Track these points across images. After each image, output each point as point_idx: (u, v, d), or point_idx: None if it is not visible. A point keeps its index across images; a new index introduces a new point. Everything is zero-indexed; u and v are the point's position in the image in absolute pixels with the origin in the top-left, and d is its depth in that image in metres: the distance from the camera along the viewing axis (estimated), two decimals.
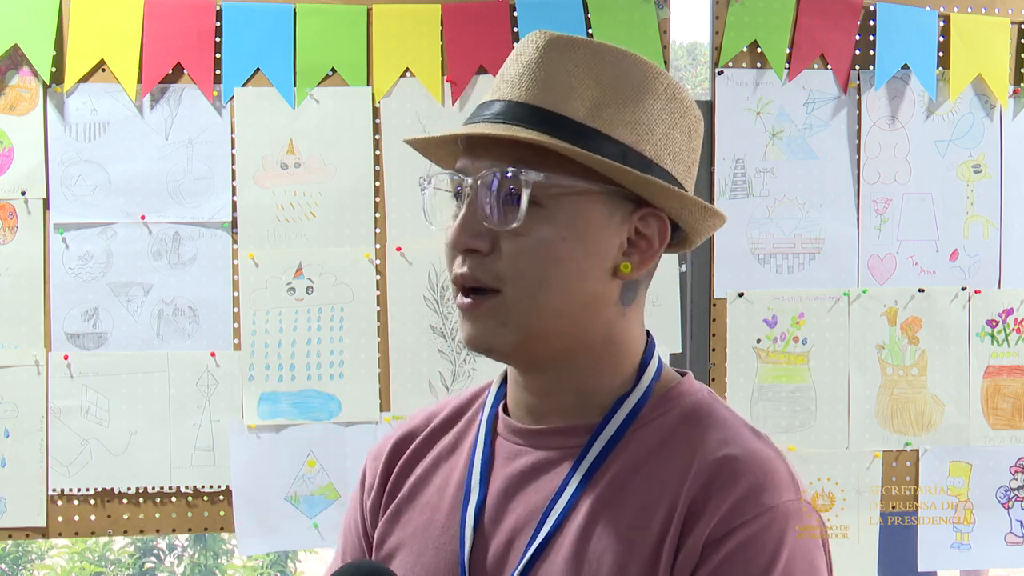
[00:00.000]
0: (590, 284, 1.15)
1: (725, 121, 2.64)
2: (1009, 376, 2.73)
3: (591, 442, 1.16)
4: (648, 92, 1.17)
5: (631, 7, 2.58)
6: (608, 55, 1.16)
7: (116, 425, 2.53)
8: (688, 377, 1.24)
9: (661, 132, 1.17)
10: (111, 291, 2.54)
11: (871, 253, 2.68)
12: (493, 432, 1.24)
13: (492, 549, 1.17)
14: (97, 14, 2.50)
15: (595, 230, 1.14)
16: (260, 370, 2.56)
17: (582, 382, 1.18)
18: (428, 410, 1.35)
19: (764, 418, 2.65)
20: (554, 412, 1.19)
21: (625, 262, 1.17)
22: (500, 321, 1.14)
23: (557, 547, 1.13)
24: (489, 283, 1.13)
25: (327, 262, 2.56)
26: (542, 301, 1.13)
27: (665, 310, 2.62)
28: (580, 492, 1.14)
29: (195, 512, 2.56)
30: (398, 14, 2.56)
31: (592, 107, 1.14)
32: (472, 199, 1.14)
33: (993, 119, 2.71)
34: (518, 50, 1.19)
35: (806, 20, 2.63)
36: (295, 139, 2.56)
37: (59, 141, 2.52)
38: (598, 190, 1.14)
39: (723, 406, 1.21)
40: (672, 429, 1.17)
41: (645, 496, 1.13)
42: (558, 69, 1.15)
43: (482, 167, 1.14)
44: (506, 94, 1.16)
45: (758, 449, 1.14)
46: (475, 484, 1.21)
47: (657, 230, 1.18)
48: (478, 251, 1.14)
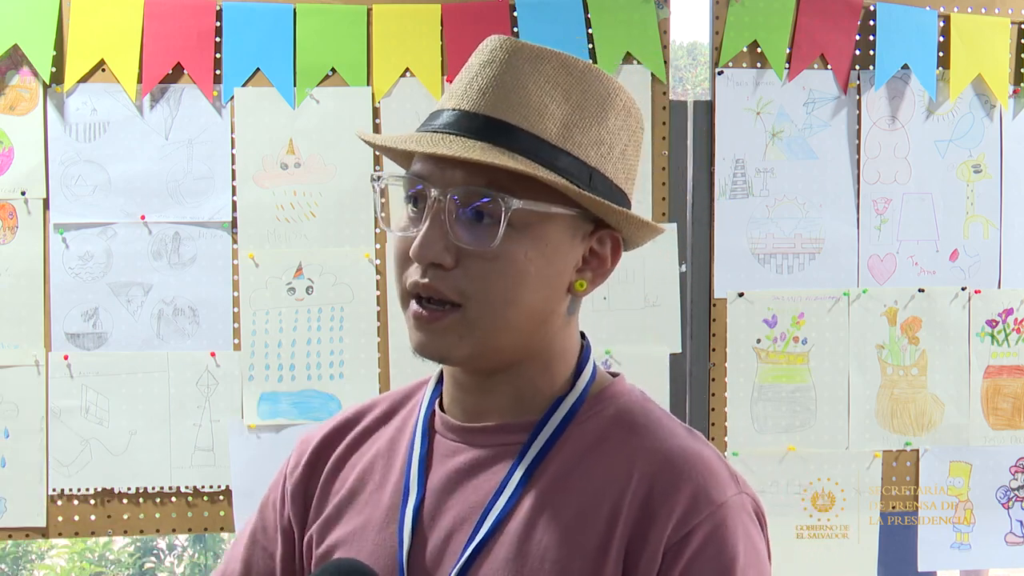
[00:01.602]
0: (548, 302, 1.17)
1: (725, 121, 2.64)
2: (1009, 376, 2.73)
3: (531, 440, 1.18)
4: (610, 109, 1.18)
5: (631, 7, 2.58)
6: (575, 69, 1.16)
7: (116, 425, 2.53)
8: (620, 378, 1.26)
9: (619, 150, 1.19)
10: (111, 291, 2.54)
11: (871, 253, 2.68)
12: (431, 430, 1.25)
13: (430, 547, 1.18)
14: (97, 14, 2.50)
15: (559, 251, 1.16)
16: (260, 370, 2.56)
17: (522, 384, 1.20)
18: (360, 405, 1.36)
19: (764, 418, 2.65)
20: (491, 411, 1.21)
21: (580, 280, 1.19)
22: (459, 335, 1.14)
23: (498, 545, 1.14)
24: (452, 298, 1.13)
25: (327, 262, 2.56)
26: (504, 318, 1.14)
27: (665, 310, 2.62)
28: (521, 490, 1.16)
29: (195, 512, 2.56)
30: (398, 14, 2.56)
31: (562, 126, 1.14)
32: (438, 212, 1.12)
33: (993, 119, 2.71)
34: (484, 57, 1.17)
35: (806, 20, 2.63)
36: (295, 139, 2.56)
37: (59, 141, 2.52)
38: (567, 213, 1.15)
39: (656, 406, 1.24)
40: (607, 428, 1.19)
41: (585, 494, 1.14)
42: (528, 83, 1.14)
43: (453, 181, 1.12)
44: (473, 105, 1.14)
45: (696, 448, 1.17)
46: (413, 482, 1.21)
47: (611, 249, 1.20)
48: (441, 265, 1.12)
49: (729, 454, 2.64)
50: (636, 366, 2.60)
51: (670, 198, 2.62)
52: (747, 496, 1.17)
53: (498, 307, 1.13)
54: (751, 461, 2.64)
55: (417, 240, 1.12)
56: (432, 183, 1.13)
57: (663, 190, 2.62)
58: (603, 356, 2.60)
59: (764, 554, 1.16)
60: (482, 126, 1.13)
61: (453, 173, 1.12)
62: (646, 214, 2.60)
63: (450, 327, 1.14)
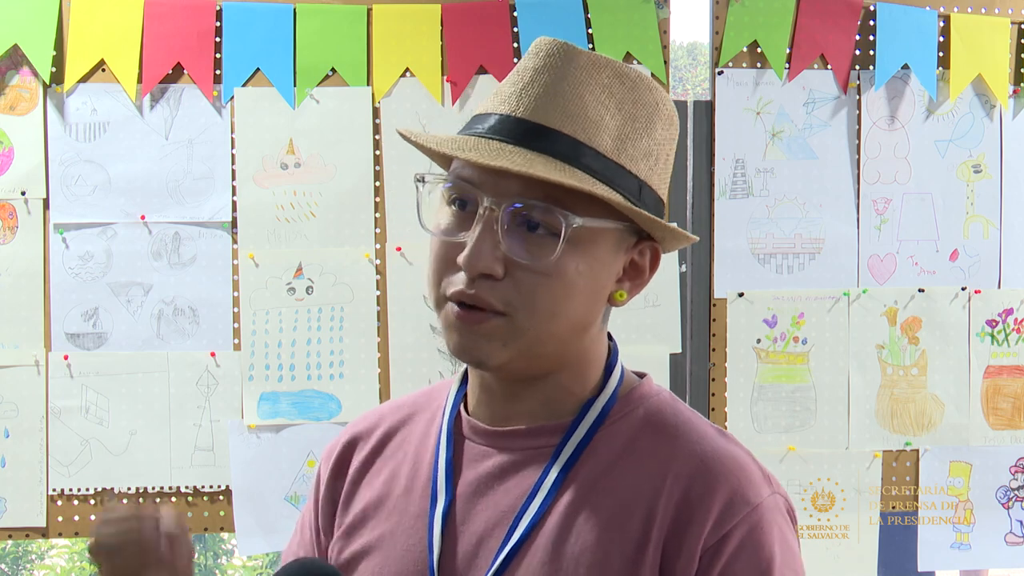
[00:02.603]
0: (590, 313, 1.16)
1: (725, 121, 2.63)
2: (1009, 376, 2.73)
3: (563, 443, 1.17)
4: (657, 118, 1.17)
5: (631, 7, 2.58)
6: (627, 79, 1.15)
7: (116, 425, 2.53)
8: (647, 378, 1.26)
9: (663, 160, 1.18)
10: (111, 291, 2.54)
11: (871, 253, 2.68)
12: (457, 433, 1.23)
13: (461, 551, 1.17)
14: (97, 14, 2.50)
15: (605, 264, 1.15)
16: (260, 370, 2.56)
17: (553, 390, 1.19)
18: (379, 410, 1.34)
19: (764, 418, 2.65)
20: (521, 415, 1.19)
21: (620, 290, 1.18)
22: (503, 342, 1.12)
23: (533, 548, 1.13)
24: (498, 308, 1.11)
25: (327, 262, 2.56)
26: (549, 330, 1.13)
27: (665, 310, 2.62)
28: (555, 493, 1.15)
29: (195, 512, 2.56)
30: (398, 14, 2.56)
31: (616, 139, 1.13)
32: (490, 222, 1.10)
33: (993, 119, 2.71)
34: (539, 62, 1.14)
35: (806, 20, 2.63)
36: (295, 139, 2.56)
37: (59, 141, 2.52)
38: (617, 227, 1.14)
39: (685, 407, 1.23)
40: (638, 430, 1.18)
41: (619, 497, 1.13)
42: (585, 92, 1.12)
43: (508, 192, 1.09)
44: (531, 112, 1.11)
45: (729, 449, 1.17)
46: (441, 486, 1.20)
47: (650, 260, 1.20)
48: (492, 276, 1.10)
49: None
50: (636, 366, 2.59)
51: (670, 198, 2.61)
52: (780, 496, 1.17)
53: (544, 319, 1.12)
54: None
55: (468, 249, 1.09)
56: (485, 191, 1.10)
57: None
58: None
59: (798, 554, 1.17)
60: (537, 135, 1.10)
61: (508, 184, 1.09)
62: None
63: (493, 332, 1.11)
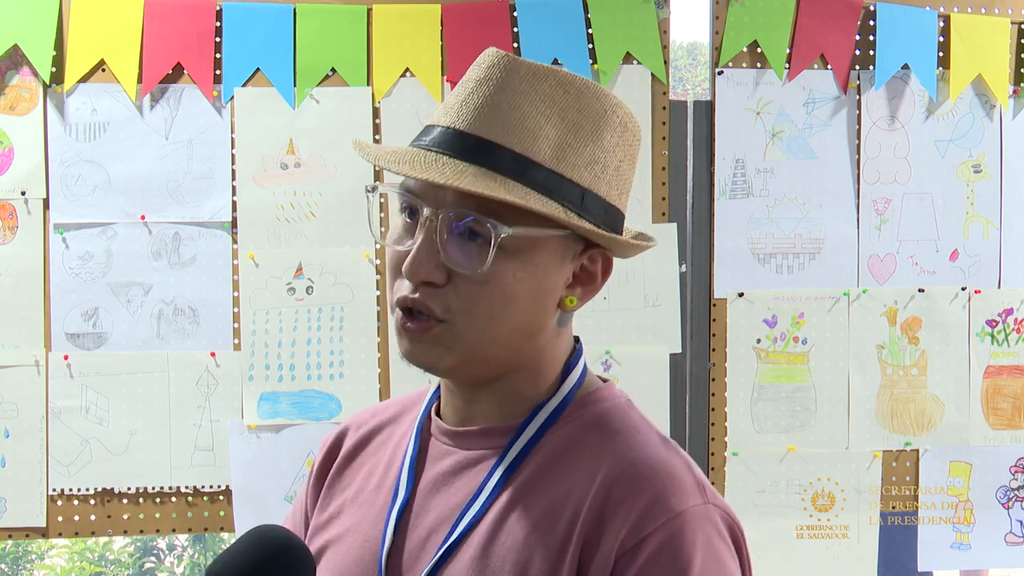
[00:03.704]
0: (538, 318, 1.19)
1: (725, 121, 2.64)
2: (1009, 376, 2.73)
3: (511, 443, 1.20)
4: (606, 126, 1.18)
5: (631, 7, 2.58)
6: (572, 87, 1.16)
7: (116, 425, 2.53)
8: (609, 384, 1.27)
9: (614, 167, 1.19)
10: (111, 291, 2.54)
11: (871, 253, 2.68)
12: (426, 433, 1.27)
13: (409, 546, 1.20)
14: (97, 14, 2.50)
15: (548, 271, 1.17)
16: (260, 370, 2.56)
17: (508, 391, 1.22)
18: (374, 407, 1.40)
19: (764, 418, 2.65)
20: (479, 416, 1.23)
21: (570, 296, 1.20)
22: (446, 347, 1.16)
23: (467, 545, 1.16)
24: (439, 315, 1.14)
25: (327, 262, 2.56)
26: (489, 334, 1.16)
27: (665, 310, 2.62)
28: (497, 491, 1.18)
29: (195, 512, 2.56)
30: (398, 14, 2.56)
31: (556, 148, 1.15)
32: (431, 231, 1.13)
33: (993, 119, 2.71)
34: (481, 73, 1.17)
35: (806, 20, 2.63)
36: (295, 139, 2.56)
37: (59, 141, 2.52)
38: (558, 235, 1.16)
39: (637, 413, 1.24)
40: (583, 433, 1.19)
41: (552, 497, 1.15)
42: (524, 103, 1.14)
43: (444, 201, 1.13)
44: (470, 124, 1.14)
45: (664, 457, 1.16)
46: (403, 483, 1.24)
47: (601, 266, 1.22)
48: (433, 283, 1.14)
49: (729, 454, 2.64)
50: (636, 366, 2.60)
51: (670, 198, 2.62)
52: (715, 508, 1.15)
53: (483, 325, 1.15)
54: (751, 461, 2.64)
55: (409, 258, 1.14)
56: (425, 201, 1.14)
57: (663, 190, 2.61)
58: (603, 356, 2.60)
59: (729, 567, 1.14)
60: (474, 147, 1.13)
61: (445, 193, 1.13)
62: (646, 214, 2.60)
63: (436, 338, 1.15)
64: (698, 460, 2.64)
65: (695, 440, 2.65)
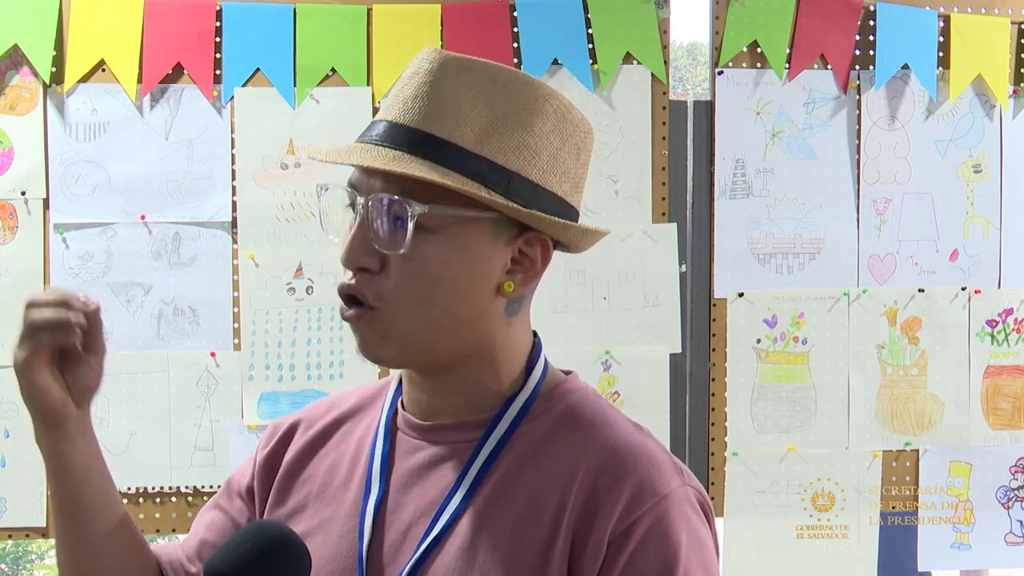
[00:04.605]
0: (473, 303, 1.20)
1: (725, 121, 2.64)
2: (1009, 376, 2.73)
3: (484, 437, 1.22)
4: (537, 114, 1.21)
5: (631, 7, 2.58)
6: (500, 78, 1.20)
7: (116, 425, 2.53)
8: (573, 375, 1.30)
9: (549, 154, 1.21)
10: (111, 291, 2.54)
11: (871, 253, 2.68)
12: (393, 427, 1.29)
13: (388, 541, 1.22)
14: (97, 14, 2.50)
15: (479, 254, 1.19)
16: (260, 370, 2.56)
17: (471, 384, 1.24)
18: (330, 399, 1.41)
19: (764, 418, 2.65)
20: (445, 410, 1.25)
21: (508, 281, 1.21)
22: (382, 335, 1.20)
23: (451, 539, 1.18)
24: (370, 301, 1.19)
25: (327, 262, 2.56)
26: (420, 319, 1.18)
27: (665, 310, 2.62)
28: (475, 485, 1.20)
29: (195, 512, 2.56)
30: (398, 14, 2.56)
31: (480, 133, 1.18)
32: (363, 219, 1.18)
33: (993, 119, 2.71)
34: (412, 68, 1.22)
35: (806, 20, 2.63)
36: (295, 139, 2.56)
37: (59, 141, 2.52)
38: (483, 216, 1.18)
39: (606, 403, 1.27)
40: (557, 424, 1.23)
41: (534, 489, 1.18)
42: (450, 93, 1.18)
43: (373, 188, 1.18)
44: (398, 116, 1.19)
45: (641, 442, 1.21)
46: (375, 478, 1.26)
47: (540, 251, 1.23)
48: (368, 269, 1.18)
49: (729, 454, 2.64)
50: (636, 366, 2.60)
51: (670, 198, 2.62)
52: (691, 488, 1.20)
53: (411, 308, 1.18)
54: (751, 461, 2.64)
55: (345, 245, 1.19)
56: (360, 191, 1.19)
57: (663, 190, 2.61)
58: (603, 356, 2.60)
59: (709, 544, 1.20)
60: (406, 136, 1.18)
61: (373, 182, 1.18)
62: (646, 214, 2.60)
63: (369, 325, 1.20)
64: (698, 460, 2.65)
65: (695, 440, 2.66)
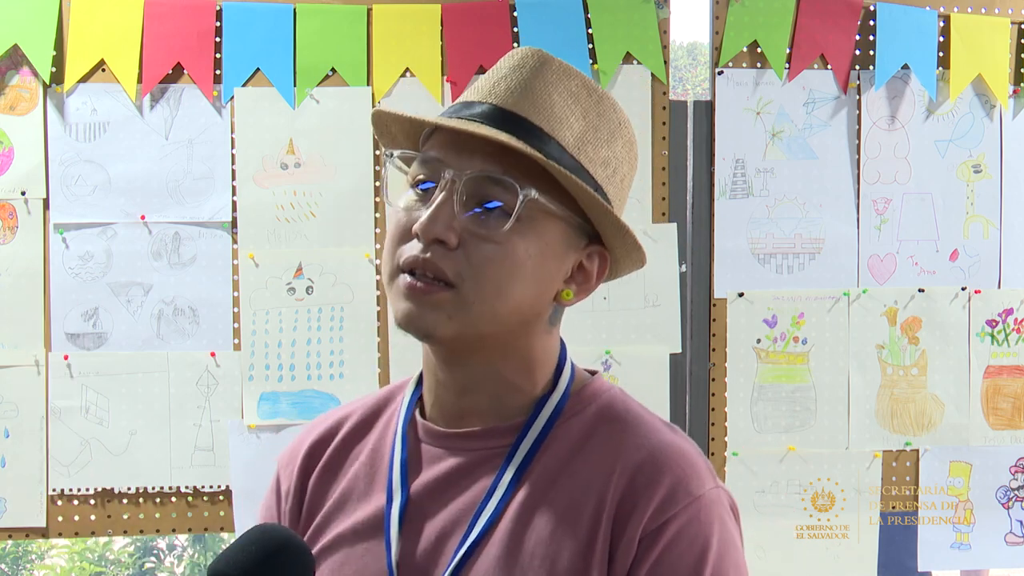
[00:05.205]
0: (536, 303, 1.20)
1: (725, 121, 2.64)
2: (1009, 376, 2.73)
3: (519, 441, 1.20)
4: (619, 135, 1.22)
5: (631, 7, 2.58)
6: (595, 92, 1.21)
7: (116, 425, 2.53)
8: (598, 376, 1.29)
9: (620, 176, 1.22)
10: (111, 291, 2.54)
11: (871, 253, 2.68)
12: (412, 435, 1.26)
13: (420, 551, 1.20)
14: (97, 14, 2.50)
15: (555, 255, 1.19)
16: (260, 370, 2.56)
17: (500, 386, 1.22)
18: (337, 414, 1.36)
19: (764, 418, 2.65)
20: (472, 414, 1.23)
21: (567, 289, 1.21)
22: (448, 314, 1.15)
23: (489, 545, 1.16)
24: (449, 277, 1.14)
25: (327, 262, 2.56)
26: (493, 308, 1.16)
27: (665, 310, 2.62)
28: (512, 490, 1.18)
29: (195, 512, 2.56)
30: (398, 14, 2.56)
31: (577, 139, 1.18)
32: (451, 193, 1.14)
33: (993, 119, 2.71)
34: (515, 61, 1.20)
35: (806, 20, 2.63)
36: (295, 139, 2.56)
37: (59, 141, 2.52)
38: (566, 217, 1.18)
39: (635, 402, 1.27)
40: (591, 426, 1.22)
41: (572, 492, 1.17)
42: (553, 93, 1.18)
43: (470, 165, 1.15)
44: (503, 101, 1.17)
45: (676, 443, 1.21)
46: (396, 488, 1.23)
47: (597, 266, 1.23)
48: (445, 243, 1.14)
49: (729, 454, 2.64)
50: (636, 366, 2.60)
51: (670, 198, 2.62)
52: (723, 491, 1.20)
53: (490, 294, 1.15)
54: (751, 461, 2.64)
55: (426, 215, 1.14)
56: (448, 164, 1.15)
57: (663, 190, 2.61)
58: (603, 356, 2.60)
59: (739, 546, 1.20)
60: (507, 120, 1.16)
61: (471, 158, 1.15)
62: (646, 214, 2.60)
63: (441, 304, 1.14)
64: None
65: (695, 440, 2.62)
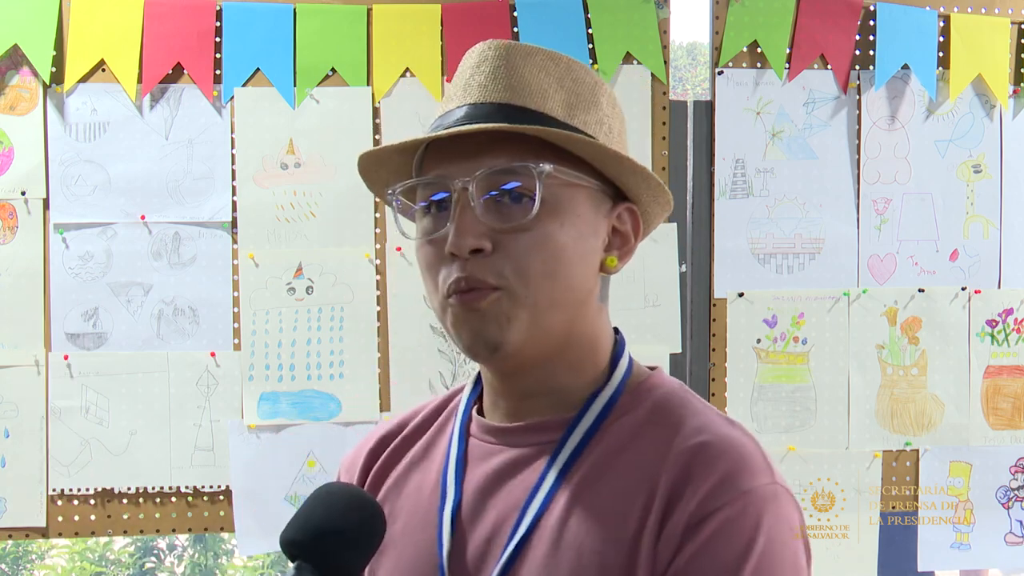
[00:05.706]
0: (586, 278, 1.17)
1: (725, 121, 2.64)
2: (1009, 376, 2.73)
3: (566, 436, 1.17)
4: (600, 94, 1.21)
5: (631, 7, 2.58)
6: (561, 61, 1.19)
7: (116, 425, 2.53)
8: (659, 371, 1.25)
9: (616, 132, 1.21)
10: (111, 291, 2.54)
11: (871, 253, 2.68)
12: (467, 433, 1.25)
13: (471, 548, 1.18)
14: (97, 14, 2.50)
15: (590, 224, 1.17)
16: (260, 370, 2.56)
17: (560, 380, 1.19)
18: (404, 415, 1.36)
19: (764, 418, 2.65)
20: (529, 411, 1.21)
21: (610, 256, 1.19)
22: (507, 317, 1.12)
23: (537, 541, 1.14)
24: (492, 282, 1.11)
25: (327, 262, 2.56)
26: (547, 294, 1.13)
27: (665, 310, 2.62)
28: (557, 486, 1.15)
29: (195, 512, 2.56)
30: (398, 14, 2.56)
31: (565, 107, 1.16)
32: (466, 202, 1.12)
33: (993, 119, 2.71)
34: (474, 59, 1.18)
35: (806, 20, 2.63)
36: (295, 139, 2.56)
37: (59, 141, 2.52)
38: (586, 184, 1.16)
39: (695, 396, 1.22)
40: (644, 421, 1.17)
41: (622, 484, 1.13)
42: (524, 73, 1.16)
43: (476, 167, 1.12)
44: (479, 97, 1.15)
45: (732, 435, 1.15)
46: (450, 484, 1.22)
47: (631, 225, 1.22)
48: (481, 250, 1.11)
49: None
50: None
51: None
52: (781, 488, 1.13)
53: (539, 282, 1.12)
54: None
55: (452, 233, 1.11)
56: (453, 176, 1.13)
57: None
58: None
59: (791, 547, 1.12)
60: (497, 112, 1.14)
61: (475, 160, 1.13)
62: None
63: (495, 308, 1.12)
64: None
65: None
